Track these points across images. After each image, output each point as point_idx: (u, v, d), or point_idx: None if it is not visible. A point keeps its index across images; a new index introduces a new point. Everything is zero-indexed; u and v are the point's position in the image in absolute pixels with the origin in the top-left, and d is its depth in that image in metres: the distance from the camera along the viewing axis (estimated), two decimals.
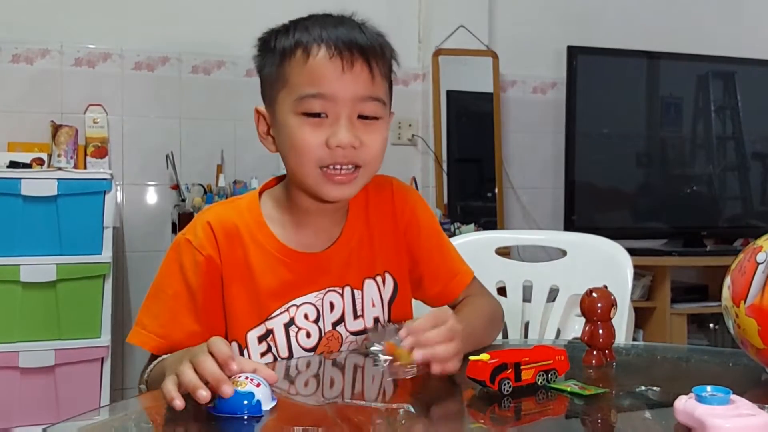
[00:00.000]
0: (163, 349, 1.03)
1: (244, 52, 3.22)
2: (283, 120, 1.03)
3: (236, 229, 1.07)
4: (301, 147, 1.01)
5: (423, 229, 1.19)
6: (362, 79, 1.02)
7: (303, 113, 1.01)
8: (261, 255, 1.07)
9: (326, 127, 1.01)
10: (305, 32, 1.03)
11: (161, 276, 1.07)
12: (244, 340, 1.06)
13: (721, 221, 3.48)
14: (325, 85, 1.00)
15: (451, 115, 3.20)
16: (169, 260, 1.07)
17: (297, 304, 1.08)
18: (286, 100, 1.03)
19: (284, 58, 1.03)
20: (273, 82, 1.05)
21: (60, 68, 2.80)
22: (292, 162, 1.04)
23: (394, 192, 1.18)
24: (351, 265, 1.12)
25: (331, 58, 1.00)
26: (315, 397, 0.90)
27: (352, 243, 1.13)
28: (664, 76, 3.40)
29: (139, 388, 1.02)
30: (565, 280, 1.53)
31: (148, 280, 3.21)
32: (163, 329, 1.03)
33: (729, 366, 1.04)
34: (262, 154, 3.00)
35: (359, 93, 1.02)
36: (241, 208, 1.10)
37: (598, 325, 1.02)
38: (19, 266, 2.26)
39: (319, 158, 1.01)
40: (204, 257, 1.04)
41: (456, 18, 3.19)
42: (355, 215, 1.15)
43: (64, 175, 2.34)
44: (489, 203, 3.23)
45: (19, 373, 2.27)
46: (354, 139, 1.01)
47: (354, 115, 1.02)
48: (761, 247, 0.87)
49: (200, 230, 1.06)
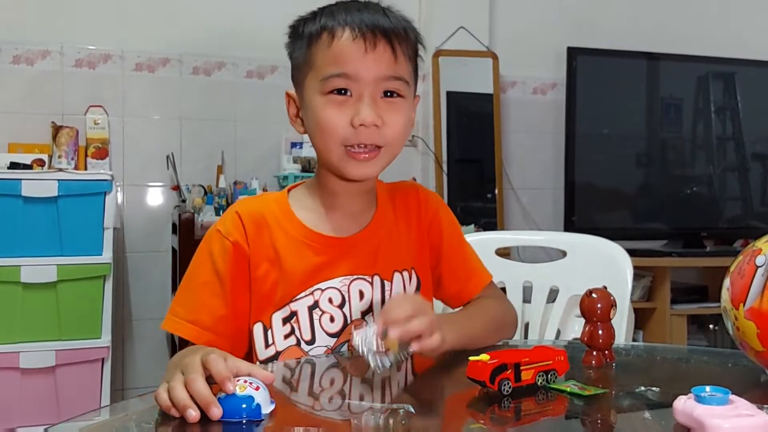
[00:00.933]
0: (193, 334, 1.06)
1: (245, 54, 3.25)
2: (310, 101, 1.07)
3: (263, 218, 1.11)
4: (326, 126, 1.05)
5: (445, 229, 1.23)
6: (385, 59, 1.05)
7: (328, 92, 1.05)
8: (287, 240, 1.10)
9: (350, 107, 1.04)
10: (330, 17, 1.07)
11: (193, 265, 1.11)
12: (269, 321, 1.09)
13: (721, 222, 3.48)
14: (349, 65, 1.04)
15: (452, 115, 3.21)
16: (200, 250, 1.12)
17: (322, 288, 1.10)
18: (313, 82, 1.07)
19: (311, 42, 1.07)
20: (301, 66, 1.10)
21: (61, 69, 2.81)
22: (319, 141, 1.08)
23: (419, 194, 1.23)
24: (379, 255, 1.14)
25: (354, 39, 1.04)
26: (315, 398, 0.90)
27: (381, 233, 1.16)
28: (664, 77, 3.41)
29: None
30: (565, 280, 1.53)
31: (149, 281, 3.22)
32: (192, 315, 1.07)
33: (728, 367, 1.04)
34: (263, 155, 3.03)
35: (381, 73, 1.05)
36: (269, 199, 1.16)
37: (597, 326, 1.02)
38: (20, 267, 2.26)
39: (344, 137, 1.05)
40: (231, 243, 1.08)
41: (456, 19, 3.19)
42: (384, 208, 1.19)
43: (64, 176, 2.35)
44: (489, 204, 3.23)
45: (19, 374, 2.27)
46: (377, 118, 1.04)
47: (377, 95, 1.06)
48: (760, 249, 0.87)
49: (228, 220, 1.11)
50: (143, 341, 2.92)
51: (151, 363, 2.91)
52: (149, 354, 2.92)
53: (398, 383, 0.99)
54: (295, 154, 2.87)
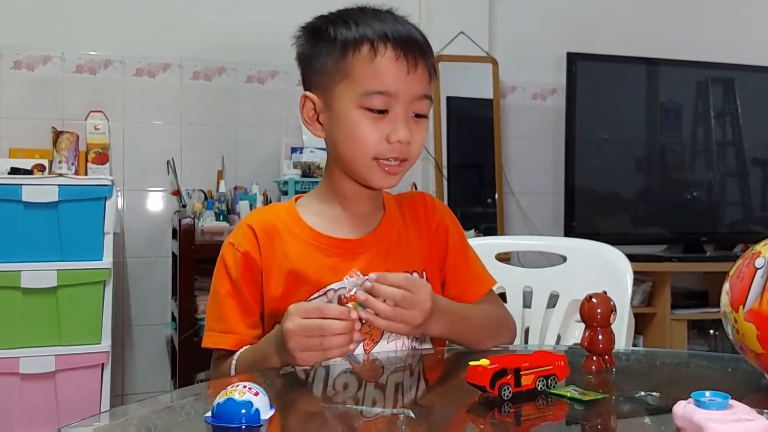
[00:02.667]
0: (233, 342, 1.12)
1: (245, 59, 3.25)
2: (342, 111, 1.10)
3: (274, 227, 1.16)
4: (361, 139, 1.09)
5: (451, 233, 1.27)
6: (422, 79, 1.11)
7: (366, 108, 1.08)
8: (298, 244, 1.14)
9: (385, 123, 1.08)
10: (367, 27, 1.09)
11: (214, 280, 1.17)
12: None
13: (721, 227, 3.48)
14: (391, 84, 1.07)
15: (452, 120, 3.21)
16: (218, 265, 1.17)
17: (335, 288, 1.12)
18: (348, 93, 1.09)
19: (346, 51, 1.09)
20: (331, 72, 1.11)
21: (61, 75, 2.81)
22: (347, 150, 1.11)
23: (427, 200, 1.28)
24: (389, 256, 1.17)
25: (397, 59, 1.08)
26: (314, 403, 0.90)
27: (391, 234, 1.19)
28: (664, 82, 3.41)
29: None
30: (565, 285, 1.53)
31: (149, 286, 3.22)
32: (226, 325, 1.13)
33: (728, 371, 1.05)
34: (263, 160, 3.04)
35: (418, 92, 1.10)
36: (279, 208, 1.22)
37: (597, 331, 1.02)
38: (20, 272, 2.26)
39: (378, 151, 1.09)
40: (241, 253, 1.14)
41: (456, 24, 3.20)
42: (392, 211, 1.22)
43: (65, 182, 2.35)
44: (489, 209, 3.23)
45: (19, 379, 2.27)
46: (410, 135, 1.09)
47: (410, 113, 1.10)
48: (760, 252, 0.88)
49: (240, 233, 1.16)
50: (143, 347, 2.91)
51: (151, 368, 2.91)
52: (149, 359, 2.91)
53: (398, 388, 0.99)
54: (295, 159, 2.87)
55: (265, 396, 0.78)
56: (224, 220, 2.66)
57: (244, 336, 1.12)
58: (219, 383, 0.95)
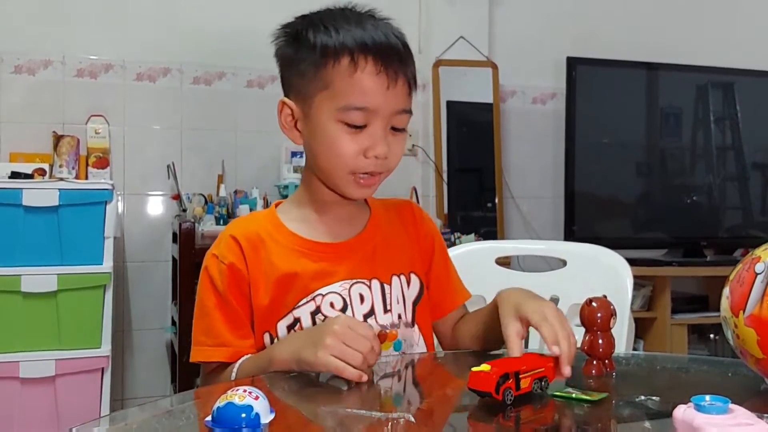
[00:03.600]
0: (226, 355, 1.10)
1: (245, 63, 3.24)
2: (320, 122, 1.08)
3: (258, 236, 1.13)
4: (338, 154, 1.07)
5: (437, 245, 1.27)
6: (402, 93, 1.09)
7: (345, 122, 1.06)
8: (282, 252, 1.13)
9: (363, 137, 1.07)
10: (347, 35, 1.06)
11: (199, 293, 1.14)
12: (275, 330, 1.12)
13: (722, 231, 3.48)
14: (371, 100, 1.06)
15: (452, 125, 3.21)
16: (201, 277, 1.14)
17: (323, 293, 1.11)
18: (327, 105, 1.07)
19: (326, 59, 1.07)
20: (310, 80, 1.09)
21: (62, 79, 2.81)
22: (325, 162, 1.10)
23: (414, 209, 1.28)
24: (376, 259, 1.16)
25: (378, 73, 1.06)
26: (314, 407, 0.90)
27: (377, 237, 1.18)
28: (664, 86, 3.42)
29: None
30: (565, 289, 1.53)
31: (149, 290, 3.21)
32: (216, 339, 1.11)
33: (728, 376, 1.04)
34: (263, 165, 3.04)
35: (398, 107, 1.08)
36: (259, 216, 1.21)
37: (597, 335, 1.02)
38: (20, 276, 2.26)
39: (355, 166, 1.08)
40: (226, 265, 1.11)
41: (456, 29, 3.20)
42: (378, 215, 1.22)
43: (65, 186, 2.35)
44: (489, 213, 3.24)
45: (19, 384, 2.27)
46: (388, 150, 1.08)
47: (388, 127, 1.09)
48: (759, 257, 0.88)
49: (223, 244, 1.14)
50: (143, 351, 2.91)
51: (151, 373, 2.91)
52: (149, 364, 2.91)
53: (398, 392, 0.99)
54: (295, 164, 2.87)
55: (265, 400, 0.78)
56: (224, 224, 2.66)
57: (238, 348, 1.10)
58: (219, 387, 0.95)
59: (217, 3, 3.00)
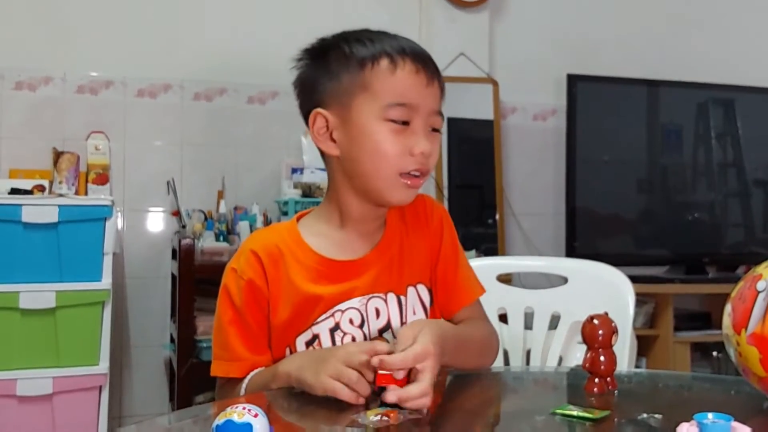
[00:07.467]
0: (244, 369, 1.11)
1: (246, 79, 3.25)
2: (363, 124, 1.08)
3: (278, 250, 1.13)
4: (384, 155, 1.08)
5: (445, 238, 1.26)
6: (437, 93, 1.12)
7: (390, 120, 1.07)
8: (302, 270, 1.12)
9: (406, 136, 1.08)
10: (383, 43, 1.10)
11: (218, 307, 1.15)
12: (294, 345, 1.12)
13: (723, 248, 3.47)
14: (412, 97, 1.08)
15: (452, 141, 3.21)
16: (221, 291, 1.15)
17: (342, 309, 1.12)
18: (369, 106, 1.08)
19: (364, 65, 1.08)
20: (347, 88, 1.09)
21: (63, 95, 2.82)
22: (369, 165, 1.09)
23: (426, 202, 1.26)
24: (393, 272, 1.16)
25: (417, 72, 1.09)
26: (314, 425, 0.89)
27: (392, 250, 1.17)
28: (664, 103, 3.42)
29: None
30: (566, 307, 1.52)
31: (148, 307, 3.19)
32: (233, 353, 1.12)
33: (731, 394, 1.04)
34: (263, 180, 3.04)
35: (435, 107, 1.11)
36: (281, 230, 1.18)
37: (599, 352, 1.01)
38: (19, 293, 2.25)
39: (402, 165, 1.08)
40: (245, 281, 1.12)
41: (456, 45, 3.21)
42: (394, 224, 1.20)
43: (65, 202, 2.34)
44: (490, 230, 3.23)
45: (16, 402, 2.25)
46: (431, 148, 1.09)
47: (429, 127, 1.10)
48: (761, 275, 0.87)
49: (243, 259, 1.14)
50: (142, 368, 2.89)
51: (150, 391, 2.89)
52: (147, 381, 2.89)
53: None
54: (295, 180, 2.87)
55: (265, 417, 0.77)
56: (224, 240, 2.65)
57: (252, 362, 1.11)
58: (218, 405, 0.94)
59: (218, 20, 3.01)
